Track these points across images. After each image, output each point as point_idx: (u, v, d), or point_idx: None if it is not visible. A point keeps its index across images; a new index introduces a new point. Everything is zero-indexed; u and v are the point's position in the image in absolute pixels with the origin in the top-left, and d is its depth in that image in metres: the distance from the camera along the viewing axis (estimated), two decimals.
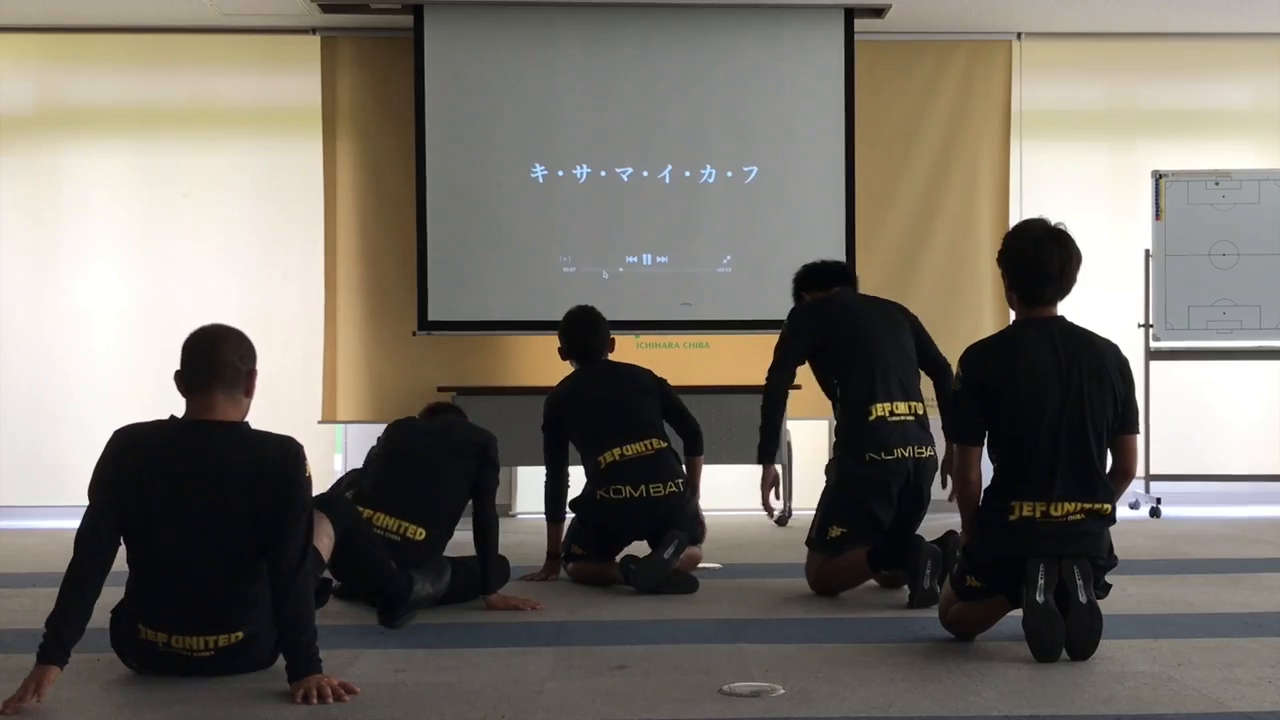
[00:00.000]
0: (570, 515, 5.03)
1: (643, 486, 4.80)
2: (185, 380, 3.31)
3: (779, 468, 4.86)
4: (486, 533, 4.35)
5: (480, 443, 4.45)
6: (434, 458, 4.41)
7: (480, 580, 4.36)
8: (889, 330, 4.73)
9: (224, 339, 3.33)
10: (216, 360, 3.28)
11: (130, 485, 3.25)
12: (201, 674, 3.30)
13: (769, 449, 4.76)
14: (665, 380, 5.11)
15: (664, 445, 4.92)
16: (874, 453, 4.55)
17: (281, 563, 3.21)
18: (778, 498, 4.87)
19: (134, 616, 3.33)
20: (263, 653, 3.36)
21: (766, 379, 4.78)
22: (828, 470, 4.72)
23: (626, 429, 4.88)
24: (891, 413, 4.58)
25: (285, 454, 3.29)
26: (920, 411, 4.66)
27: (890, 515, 4.56)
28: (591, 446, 4.92)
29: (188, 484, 3.24)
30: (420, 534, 4.27)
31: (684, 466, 5.00)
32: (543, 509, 5.05)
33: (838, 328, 4.73)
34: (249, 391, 3.36)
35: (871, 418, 4.58)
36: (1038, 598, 3.47)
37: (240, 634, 3.29)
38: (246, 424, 3.37)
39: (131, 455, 3.28)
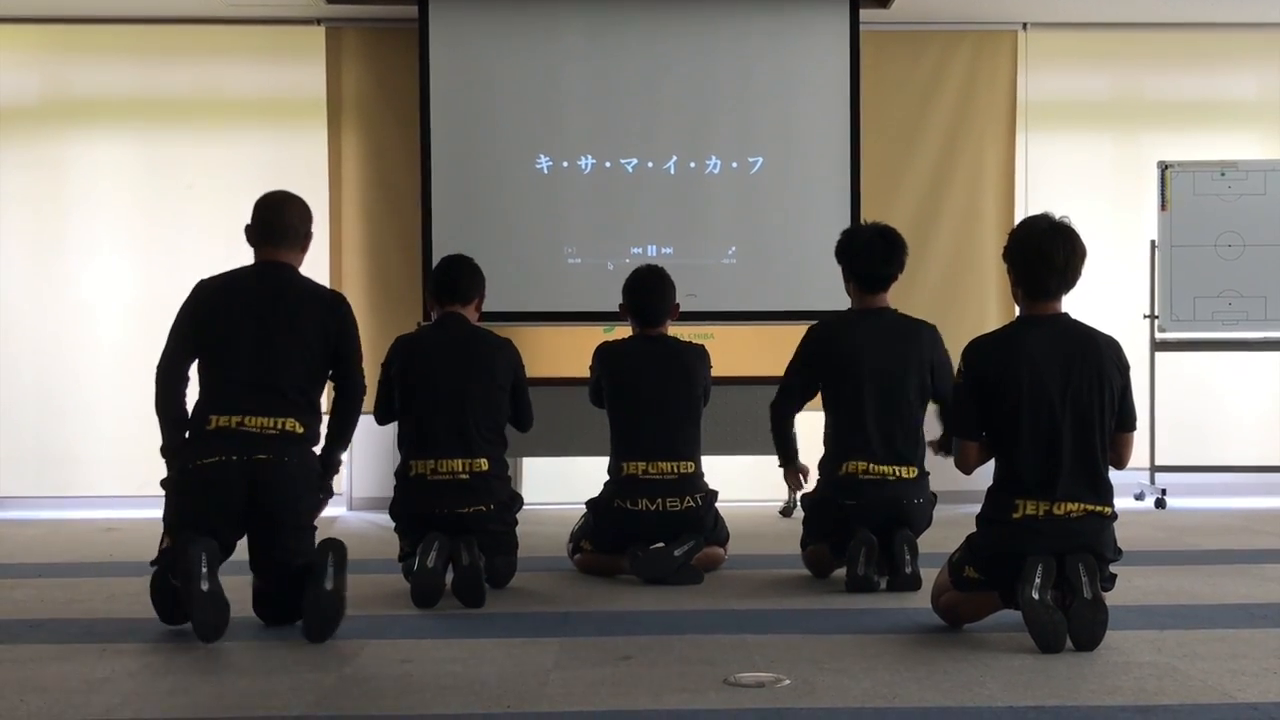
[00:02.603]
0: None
1: (659, 500, 4.78)
2: (255, 233, 4.04)
3: (801, 462, 4.88)
4: None
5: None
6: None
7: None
8: (890, 373, 4.62)
9: (288, 206, 4.07)
10: (282, 224, 4.03)
11: (211, 314, 3.94)
12: (260, 453, 3.78)
13: (787, 457, 4.86)
14: (709, 372, 5.01)
15: (691, 470, 4.84)
16: (841, 498, 4.61)
17: (351, 377, 4.09)
18: (805, 481, 4.91)
19: (207, 409, 3.87)
20: (308, 460, 3.92)
21: (771, 406, 4.84)
22: (803, 500, 4.85)
23: (661, 443, 4.81)
24: (866, 470, 4.57)
25: (338, 298, 4.16)
26: (910, 475, 4.60)
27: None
28: (621, 444, 4.87)
29: (260, 304, 3.93)
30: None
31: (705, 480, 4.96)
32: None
33: (834, 369, 4.69)
34: (304, 249, 4.10)
35: (842, 472, 4.62)
36: (1033, 595, 3.48)
37: (299, 425, 3.88)
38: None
39: (211, 294, 3.98)
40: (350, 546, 5.72)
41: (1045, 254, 3.63)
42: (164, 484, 3.88)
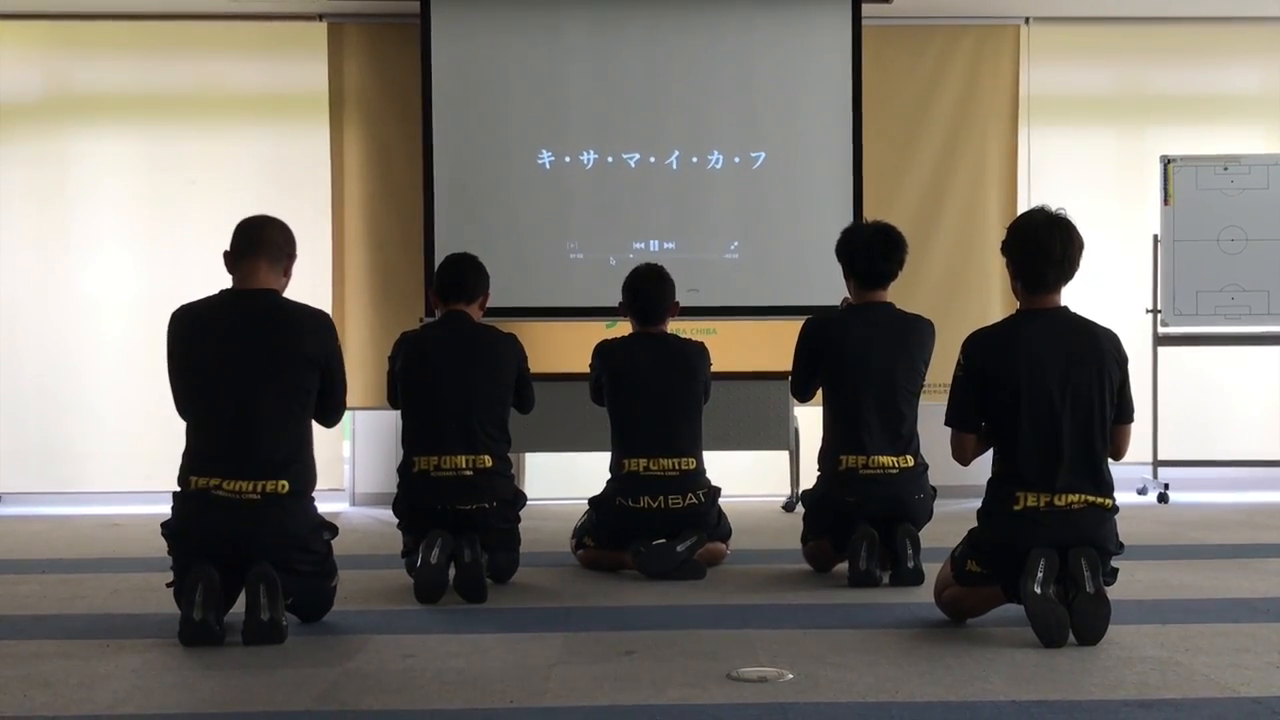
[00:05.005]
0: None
1: (661, 498, 4.78)
2: (233, 251, 3.89)
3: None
4: None
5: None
6: None
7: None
8: (887, 365, 4.62)
9: (271, 223, 3.94)
10: (263, 236, 3.88)
11: (191, 352, 3.73)
12: (245, 524, 3.59)
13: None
14: (709, 369, 5.01)
15: (693, 466, 4.85)
16: (841, 495, 4.61)
17: (333, 395, 3.88)
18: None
19: (187, 470, 3.68)
20: (297, 521, 3.70)
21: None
22: (804, 496, 4.87)
23: (662, 440, 4.82)
24: (865, 465, 4.57)
25: (320, 319, 3.89)
26: (908, 464, 4.60)
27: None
28: (622, 441, 4.88)
29: (234, 342, 3.72)
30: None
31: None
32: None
33: (829, 363, 4.70)
34: (287, 272, 3.93)
35: (841, 468, 4.62)
36: (1035, 589, 3.48)
37: (286, 485, 3.67)
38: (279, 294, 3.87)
39: (186, 326, 3.78)
40: (353, 542, 5.77)
41: (1042, 246, 3.64)
42: (163, 530, 3.74)
